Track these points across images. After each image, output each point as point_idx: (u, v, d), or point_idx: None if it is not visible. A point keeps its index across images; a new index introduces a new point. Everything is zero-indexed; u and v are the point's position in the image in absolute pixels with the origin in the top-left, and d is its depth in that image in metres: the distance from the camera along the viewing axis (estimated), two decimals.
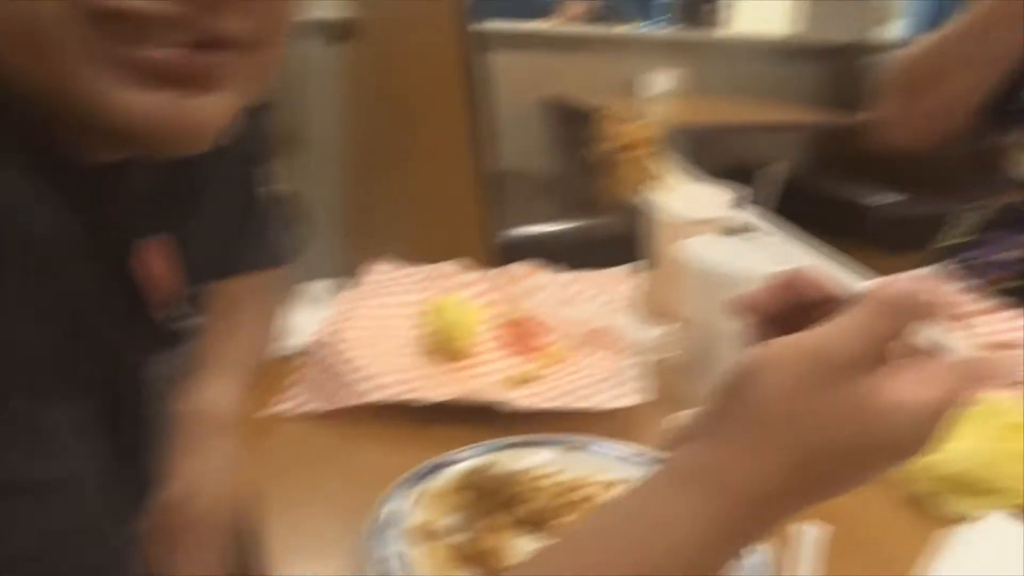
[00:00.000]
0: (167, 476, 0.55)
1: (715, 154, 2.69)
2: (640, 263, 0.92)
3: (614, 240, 2.27)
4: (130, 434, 0.44)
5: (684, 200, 0.84)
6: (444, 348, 0.72)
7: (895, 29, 3.49)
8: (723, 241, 0.69)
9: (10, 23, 0.32)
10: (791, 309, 0.41)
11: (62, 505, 0.32)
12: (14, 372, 0.31)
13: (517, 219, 2.24)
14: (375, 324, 0.75)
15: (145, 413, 0.47)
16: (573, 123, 2.96)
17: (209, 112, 0.36)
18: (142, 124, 0.34)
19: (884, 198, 2.79)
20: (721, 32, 3.54)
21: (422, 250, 2.26)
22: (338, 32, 2.53)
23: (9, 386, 0.30)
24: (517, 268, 0.86)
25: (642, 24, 3.53)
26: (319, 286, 0.84)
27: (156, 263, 0.51)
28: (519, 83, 2.85)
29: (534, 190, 2.69)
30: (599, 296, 0.82)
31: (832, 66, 3.36)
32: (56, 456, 0.33)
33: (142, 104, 0.34)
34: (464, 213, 2.14)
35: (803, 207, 2.76)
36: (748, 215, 0.45)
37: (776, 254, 0.65)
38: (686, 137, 2.59)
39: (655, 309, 0.89)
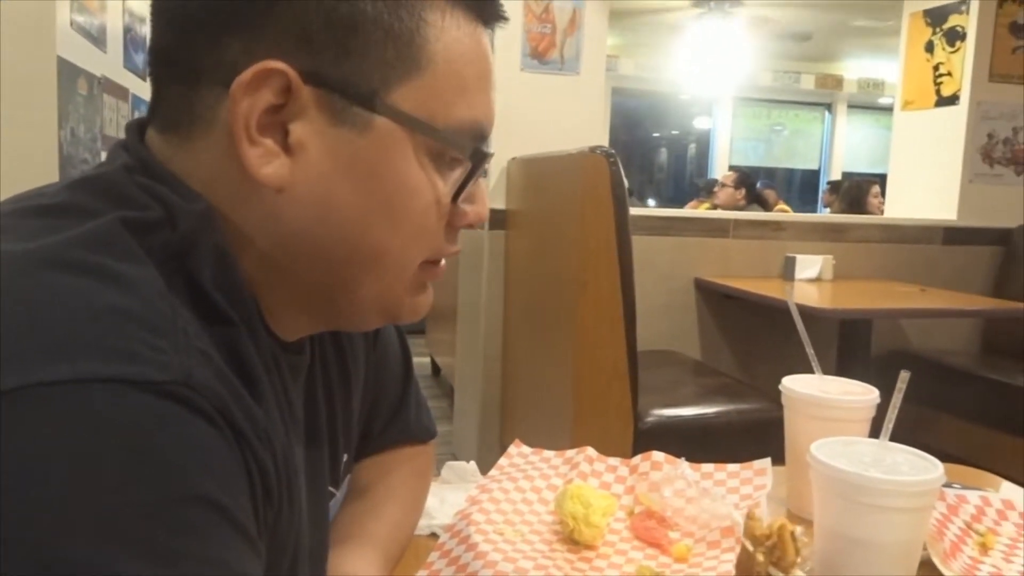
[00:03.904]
0: None
1: (865, 339, 2.61)
2: (775, 455, 0.91)
3: (757, 426, 2.22)
4: None
5: (822, 395, 0.84)
6: (574, 537, 0.74)
7: None
8: (853, 444, 0.69)
9: (384, 258, 0.50)
10: None
11: None
12: (226, 527, 0.37)
13: (660, 400, 2.24)
14: (511, 508, 0.79)
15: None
16: (723, 304, 2.98)
17: (431, 299, 0.56)
18: (413, 312, 0.54)
19: None
20: (870, 218, 3.51)
21: (567, 426, 2.29)
22: (496, 220, 2.74)
23: (222, 537, 0.37)
24: (655, 456, 0.87)
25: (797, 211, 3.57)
26: (460, 466, 0.89)
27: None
28: (669, 265, 2.93)
29: (681, 371, 2.68)
30: (732, 493, 0.82)
31: (992, 252, 3.24)
32: None
33: (417, 301, 0.54)
34: (609, 392, 2.17)
35: (967, 394, 2.60)
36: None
37: (904, 463, 0.64)
38: (837, 322, 2.55)
39: (791, 509, 0.87)
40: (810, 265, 2.98)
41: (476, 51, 0.50)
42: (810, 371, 0.90)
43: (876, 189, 5.81)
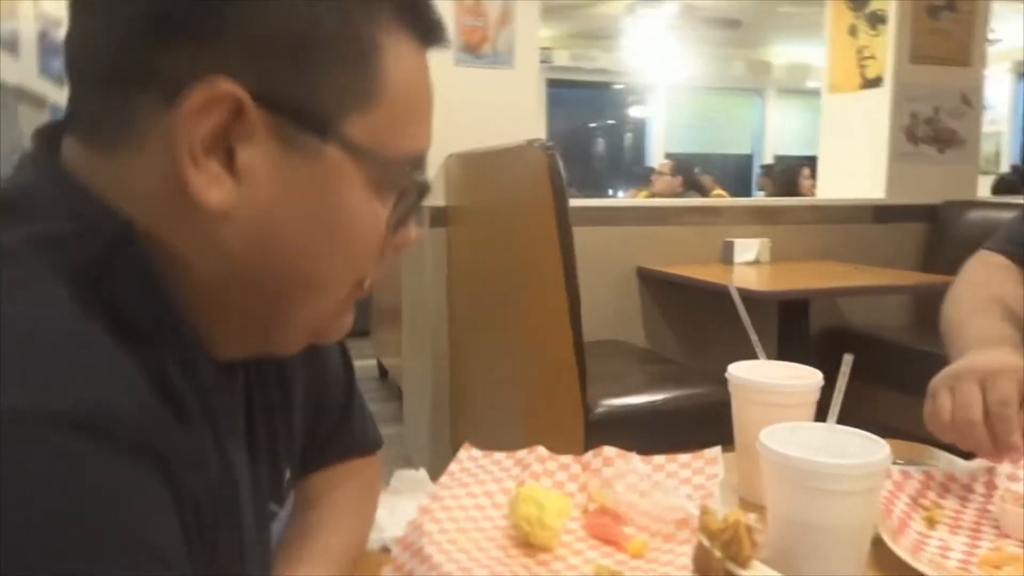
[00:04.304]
0: None
1: (804, 319, 2.67)
2: (725, 443, 0.92)
3: (706, 410, 2.24)
4: None
5: (767, 381, 0.84)
6: (529, 540, 0.72)
7: (978, 190, 3.53)
8: (801, 429, 0.69)
9: (323, 284, 0.49)
10: None
11: None
12: (156, 566, 0.35)
13: (609, 390, 2.24)
14: (463, 515, 0.77)
15: None
16: (665, 291, 3.01)
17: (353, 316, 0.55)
18: (338, 333, 0.54)
19: None
20: (803, 200, 3.59)
21: (518, 421, 2.28)
22: (437, 218, 2.71)
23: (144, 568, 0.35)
24: (606, 451, 0.87)
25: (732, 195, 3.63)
26: (410, 474, 0.87)
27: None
28: (611, 255, 2.95)
29: (627, 360, 2.70)
30: (684, 484, 0.82)
31: (920, 228, 3.34)
32: None
33: (344, 321, 0.54)
34: (558, 384, 2.17)
35: (904, 368, 2.65)
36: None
37: (851, 445, 0.65)
38: (776, 303, 2.59)
39: (743, 495, 0.88)
40: (748, 249, 3.03)
41: (424, 78, 0.49)
42: (754, 356, 0.91)
43: (807, 171, 5.96)
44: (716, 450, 0.85)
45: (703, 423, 2.24)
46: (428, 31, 0.49)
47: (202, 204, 0.43)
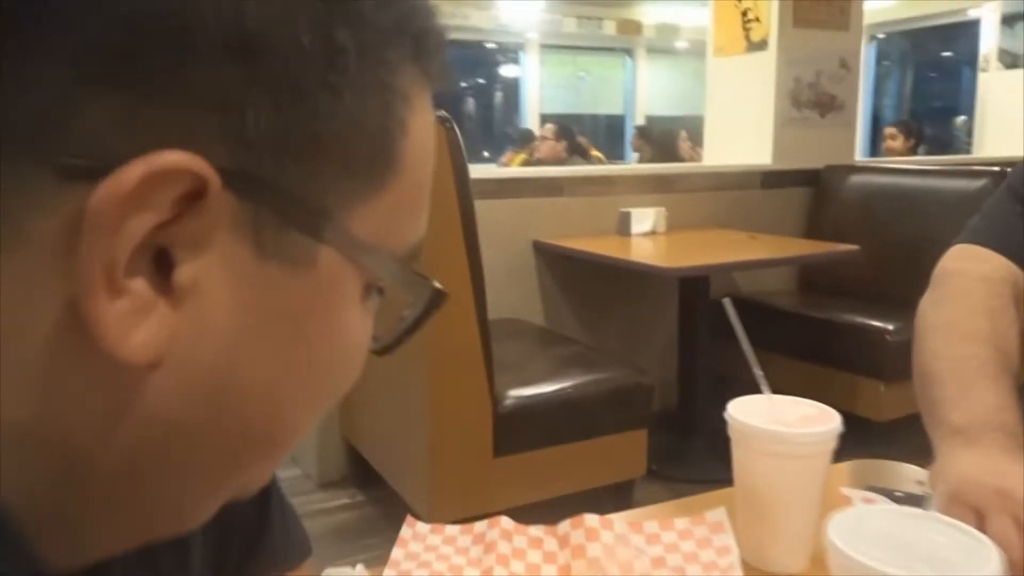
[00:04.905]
0: None
1: (704, 293, 2.62)
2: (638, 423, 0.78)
3: (617, 395, 2.14)
4: None
5: (780, 431, 0.70)
6: None
7: (857, 154, 3.62)
8: (874, 518, 0.55)
9: (289, 437, 0.32)
10: None
11: None
12: None
13: (516, 379, 2.10)
14: None
15: None
16: (563, 266, 2.88)
17: None
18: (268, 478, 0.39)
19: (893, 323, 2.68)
20: (696, 166, 3.55)
21: (419, 416, 2.08)
22: None
23: None
24: (588, 521, 0.71)
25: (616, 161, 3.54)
26: (344, 572, 0.68)
27: None
28: (507, 229, 2.78)
29: (530, 342, 2.56)
30: (690, 561, 0.67)
31: (804, 193, 3.38)
32: None
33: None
34: (462, 376, 2.01)
35: (792, 333, 2.63)
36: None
37: (949, 544, 0.51)
38: (676, 279, 2.52)
39: (748, 559, 0.74)
40: (644, 219, 2.94)
41: (434, 144, 0.33)
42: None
43: (684, 133, 6.01)
44: (720, 513, 0.71)
45: (616, 408, 2.15)
46: (441, 77, 0.33)
47: (116, 356, 0.25)
